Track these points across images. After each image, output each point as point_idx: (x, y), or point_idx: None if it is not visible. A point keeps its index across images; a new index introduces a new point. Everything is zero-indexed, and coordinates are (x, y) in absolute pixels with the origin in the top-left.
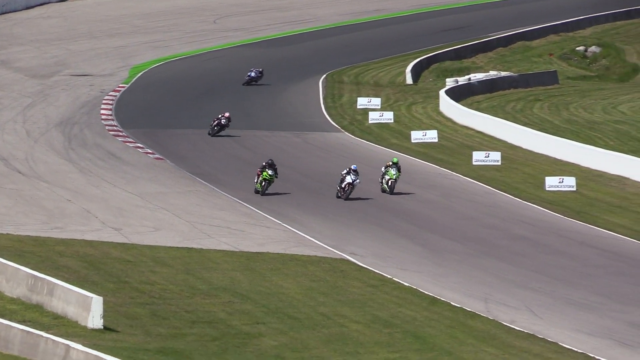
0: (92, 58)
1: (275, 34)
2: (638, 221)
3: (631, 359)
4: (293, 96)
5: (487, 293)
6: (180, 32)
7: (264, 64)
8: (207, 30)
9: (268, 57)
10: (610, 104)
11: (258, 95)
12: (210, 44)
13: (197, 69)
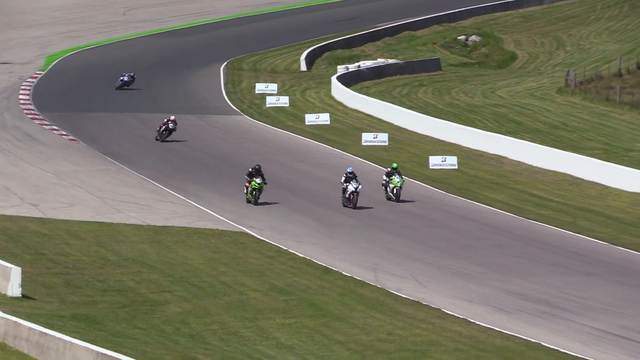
0: (12, 47)
1: (180, 25)
2: (515, 197)
3: (509, 324)
4: (196, 82)
5: (376, 263)
6: (93, 23)
7: (169, 52)
8: (117, 21)
9: (173, 46)
10: (489, 88)
11: (164, 81)
12: (120, 34)
13: (108, 57)
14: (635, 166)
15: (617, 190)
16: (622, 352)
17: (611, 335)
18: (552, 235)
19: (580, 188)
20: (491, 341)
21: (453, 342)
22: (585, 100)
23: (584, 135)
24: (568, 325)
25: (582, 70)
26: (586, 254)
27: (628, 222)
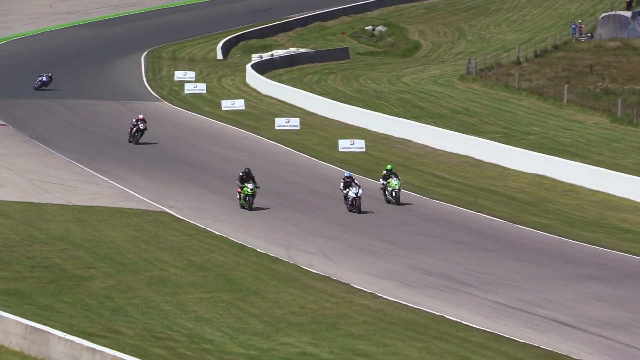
0: None
1: (104, 16)
2: (419, 177)
3: (414, 298)
4: (119, 70)
5: (288, 241)
6: (21, 14)
7: (94, 43)
8: (44, 13)
9: (98, 36)
10: (394, 76)
11: (89, 69)
12: (47, 25)
13: (36, 47)
14: (532, 149)
15: (515, 171)
16: (521, 325)
17: (511, 308)
18: (454, 214)
19: (481, 169)
20: (397, 314)
21: (361, 315)
22: (485, 86)
23: (485, 119)
24: (470, 299)
25: (482, 58)
26: (487, 231)
27: (526, 201)
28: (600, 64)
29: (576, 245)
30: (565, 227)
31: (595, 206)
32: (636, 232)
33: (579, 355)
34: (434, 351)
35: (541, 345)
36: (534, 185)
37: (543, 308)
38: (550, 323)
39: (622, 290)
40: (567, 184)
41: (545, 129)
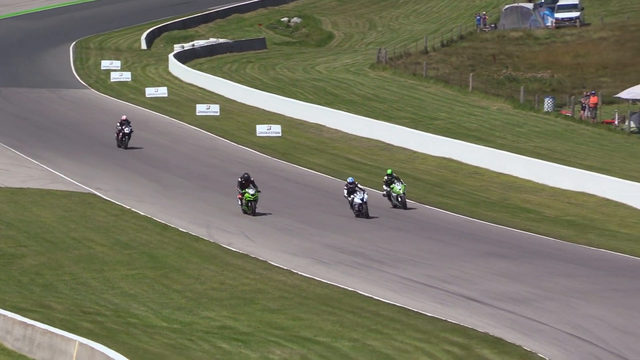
0: None
1: (35, 9)
2: (332, 161)
3: (328, 274)
4: (49, 59)
5: (209, 220)
6: None
7: (26, 33)
8: None
9: (29, 28)
10: (309, 65)
11: (20, 59)
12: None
13: None
14: (439, 133)
15: (423, 154)
16: (429, 299)
17: (419, 284)
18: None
19: (391, 153)
20: (312, 289)
21: (278, 291)
22: (395, 74)
23: (394, 105)
24: (381, 275)
25: (392, 48)
26: (397, 211)
27: (433, 183)
28: (503, 53)
29: (481, 224)
30: (470, 207)
31: (499, 187)
32: (537, 212)
33: (484, 328)
34: (347, 324)
35: (448, 318)
36: (441, 168)
37: (450, 284)
38: (456, 298)
39: (524, 266)
40: (473, 166)
41: (452, 114)
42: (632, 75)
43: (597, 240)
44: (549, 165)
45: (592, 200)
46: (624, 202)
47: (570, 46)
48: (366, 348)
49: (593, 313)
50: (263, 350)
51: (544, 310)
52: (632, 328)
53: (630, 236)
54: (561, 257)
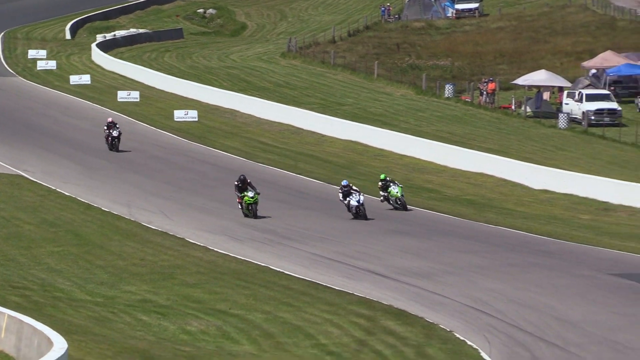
0: None
1: None
2: (246, 144)
3: (242, 250)
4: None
5: (130, 200)
6: None
7: None
8: None
9: None
10: (223, 53)
11: None
12: None
13: None
14: (346, 118)
15: (331, 138)
16: (337, 274)
17: (327, 259)
18: (277, 176)
19: (300, 136)
20: (227, 265)
21: (195, 266)
22: (304, 62)
23: (304, 92)
24: (291, 251)
25: (301, 37)
26: (306, 192)
27: (341, 164)
28: (406, 42)
29: (385, 204)
30: (376, 188)
31: (403, 168)
32: (438, 192)
33: (389, 301)
34: (260, 298)
35: (355, 292)
36: (348, 150)
37: (356, 259)
38: (363, 272)
39: (427, 243)
40: (377, 149)
41: (358, 100)
42: (528, 62)
43: (495, 218)
44: (450, 148)
45: (490, 180)
46: (520, 182)
47: (469, 35)
48: (278, 320)
49: (491, 287)
50: (181, 322)
51: (445, 284)
52: (527, 301)
53: (525, 214)
54: (461, 234)
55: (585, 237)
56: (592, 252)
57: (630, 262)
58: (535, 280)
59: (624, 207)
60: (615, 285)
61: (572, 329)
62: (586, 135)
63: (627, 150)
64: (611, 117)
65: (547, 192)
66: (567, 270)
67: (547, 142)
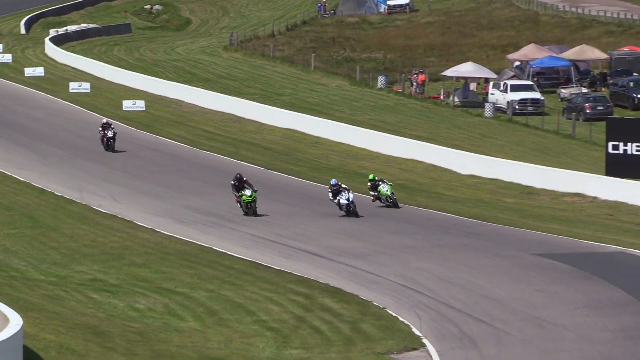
0: None
1: None
2: (190, 132)
3: (187, 232)
4: None
5: (82, 185)
6: None
7: None
8: None
9: None
10: (169, 47)
11: None
12: None
13: None
14: (285, 107)
15: (271, 126)
16: (277, 254)
17: (268, 241)
18: (220, 162)
19: (242, 125)
20: (173, 246)
21: (143, 247)
22: (245, 55)
23: (245, 83)
24: (233, 233)
25: (243, 32)
26: (247, 177)
27: (280, 151)
28: (341, 36)
29: (322, 187)
30: (313, 173)
31: (338, 155)
32: None
33: (326, 279)
34: (204, 277)
35: (293, 271)
36: (286, 138)
37: (295, 240)
38: (301, 253)
39: (361, 225)
40: (315, 136)
41: (296, 90)
42: (456, 55)
43: (425, 201)
44: (382, 136)
45: (420, 166)
46: (448, 167)
47: (400, 30)
48: (221, 297)
49: (422, 266)
50: (129, 300)
51: (379, 264)
52: (456, 279)
53: (454, 198)
54: (394, 217)
55: (510, 219)
56: (516, 234)
57: (553, 242)
58: (464, 260)
59: (547, 191)
60: (539, 264)
61: (498, 305)
62: (511, 123)
63: (549, 137)
64: (534, 106)
65: (474, 177)
66: (494, 251)
67: (474, 130)
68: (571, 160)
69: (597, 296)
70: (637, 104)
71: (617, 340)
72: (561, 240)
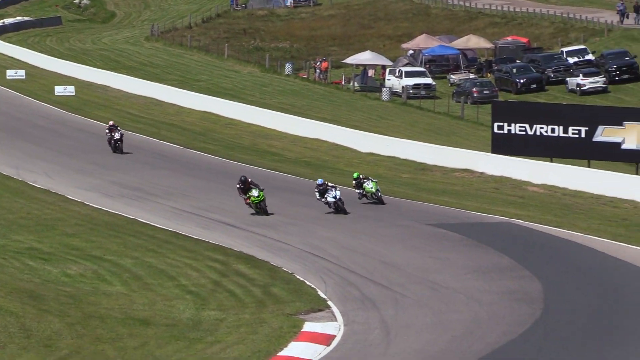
0: None
1: None
2: (116, 114)
3: (113, 205)
4: None
5: (18, 163)
6: None
7: None
8: None
9: None
10: (97, 37)
11: None
12: None
13: None
14: (201, 92)
15: (189, 109)
16: (195, 225)
17: (187, 212)
18: (143, 142)
19: (162, 108)
20: (101, 218)
21: (74, 219)
22: (165, 45)
23: (165, 70)
24: (155, 206)
25: (163, 23)
26: (168, 155)
27: (197, 132)
28: (252, 27)
29: (236, 164)
30: (227, 151)
31: (250, 135)
32: (280, 155)
33: (239, 247)
34: (129, 245)
35: (210, 240)
36: (203, 120)
37: (212, 212)
38: (217, 224)
39: (271, 199)
40: (229, 118)
41: (211, 77)
42: (356, 45)
43: (329, 177)
44: (290, 117)
45: (324, 145)
46: (349, 146)
47: (305, 22)
48: (145, 264)
49: (327, 235)
50: (62, 267)
51: (287, 233)
52: (357, 247)
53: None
54: (300, 191)
55: (406, 192)
56: (411, 206)
57: (444, 213)
58: (364, 229)
59: (438, 167)
60: (432, 233)
61: (395, 270)
62: (405, 106)
63: (440, 119)
64: (426, 90)
65: (373, 155)
66: (391, 221)
67: (372, 112)
68: (460, 139)
69: (485, 262)
70: (520, 88)
71: (502, 302)
72: (452, 212)
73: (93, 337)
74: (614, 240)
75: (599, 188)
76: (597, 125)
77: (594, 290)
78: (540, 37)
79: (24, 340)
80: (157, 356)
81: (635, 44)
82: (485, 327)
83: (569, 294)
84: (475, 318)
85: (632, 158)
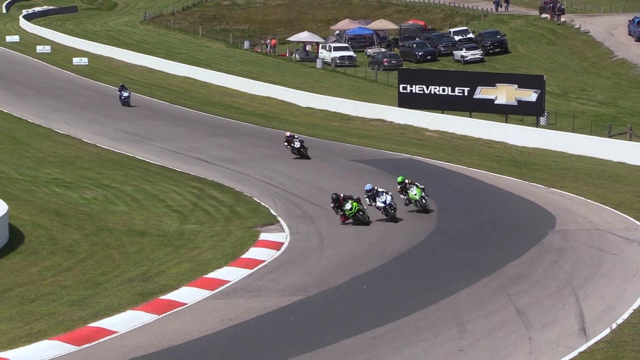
0: None
1: None
2: (119, 79)
3: (119, 146)
4: None
5: (46, 115)
6: None
7: None
8: None
9: None
10: (104, 22)
11: None
12: None
13: None
14: (182, 62)
15: (173, 75)
16: (178, 161)
17: (172, 152)
18: (139, 101)
19: (152, 74)
20: (109, 155)
21: (88, 156)
22: (155, 27)
23: (155, 46)
24: (150, 147)
25: (153, 11)
26: (158, 109)
27: (180, 92)
28: (220, 14)
29: (208, 116)
30: (203, 107)
31: (219, 94)
32: (241, 109)
33: (212, 178)
34: (130, 176)
35: (190, 172)
36: (184, 83)
37: (191, 152)
38: (195, 160)
39: (235, 141)
40: (203, 82)
41: (190, 51)
42: (296, 27)
43: (278, 124)
44: (249, 81)
45: (274, 101)
46: (292, 102)
47: (259, 9)
48: (142, 190)
49: (277, 168)
50: (80, 192)
51: (248, 167)
52: (299, 177)
53: (297, 122)
54: (257, 135)
55: (335, 136)
56: (339, 147)
57: (364, 152)
58: (304, 164)
59: (359, 118)
60: (354, 167)
61: (327, 194)
62: (334, 72)
63: (360, 82)
64: (349, 61)
65: (310, 109)
66: (324, 158)
67: (309, 77)
68: (375, 97)
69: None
70: (419, 59)
71: (407, 217)
72: (369, 151)
73: (103, 244)
74: (489, 171)
75: (478, 133)
76: (477, 86)
77: (474, 209)
78: (433, 20)
79: (52, 247)
80: (152, 258)
81: (504, 25)
82: (394, 236)
83: (457, 212)
84: (387, 230)
85: (502, 110)
